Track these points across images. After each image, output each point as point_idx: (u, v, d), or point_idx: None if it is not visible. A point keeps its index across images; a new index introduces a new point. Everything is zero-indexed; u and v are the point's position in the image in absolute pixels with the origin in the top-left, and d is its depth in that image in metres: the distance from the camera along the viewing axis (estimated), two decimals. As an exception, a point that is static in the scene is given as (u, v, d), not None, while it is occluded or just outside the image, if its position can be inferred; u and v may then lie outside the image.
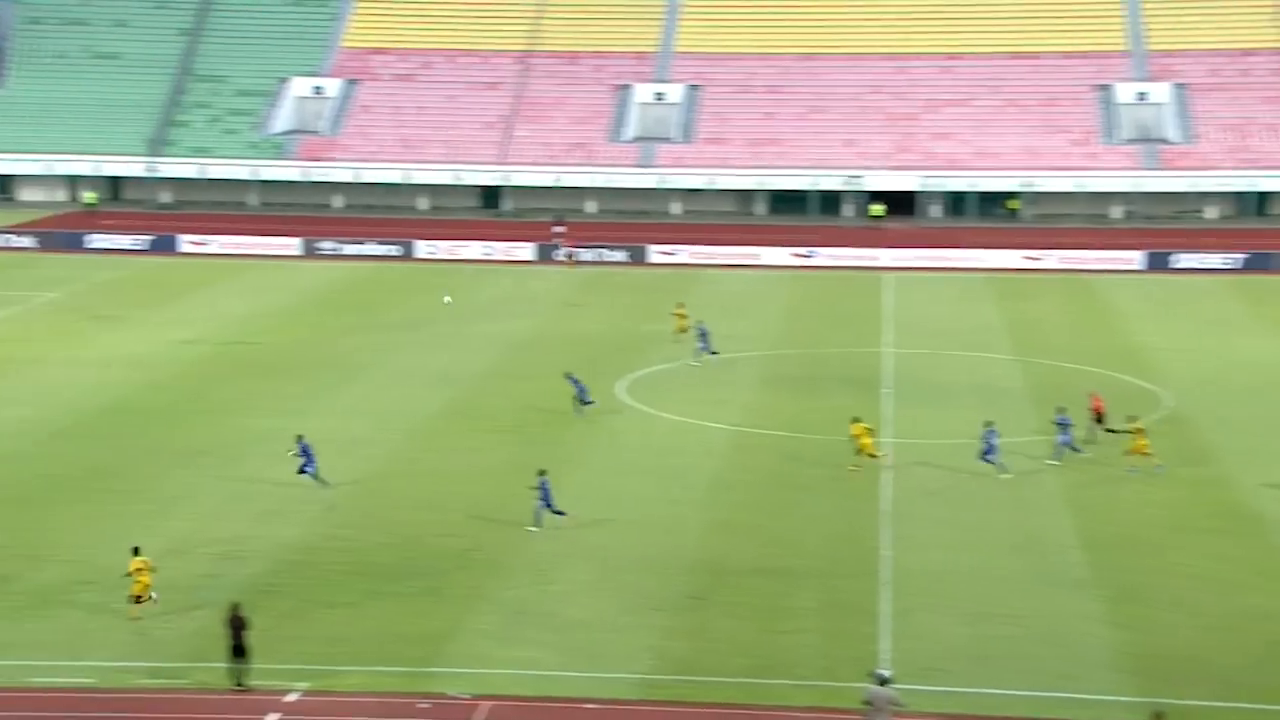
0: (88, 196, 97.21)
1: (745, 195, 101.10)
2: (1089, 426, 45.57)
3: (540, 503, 37.46)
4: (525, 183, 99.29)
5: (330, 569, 35.19)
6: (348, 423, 47.95)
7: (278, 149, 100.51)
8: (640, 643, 31.42)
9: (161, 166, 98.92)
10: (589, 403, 48.50)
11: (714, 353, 56.45)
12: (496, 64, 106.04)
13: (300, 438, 40.98)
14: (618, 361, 56.92)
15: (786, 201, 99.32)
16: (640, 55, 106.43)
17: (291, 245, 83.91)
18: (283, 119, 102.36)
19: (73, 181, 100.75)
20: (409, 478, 42.49)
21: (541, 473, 37.80)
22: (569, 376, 49.21)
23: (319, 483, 40.40)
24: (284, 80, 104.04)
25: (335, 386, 52.87)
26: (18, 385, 52.23)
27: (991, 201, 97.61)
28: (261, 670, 29.29)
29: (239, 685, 28.99)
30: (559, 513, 37.53)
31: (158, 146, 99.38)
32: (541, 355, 57.85)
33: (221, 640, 29.33)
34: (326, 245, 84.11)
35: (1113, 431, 44.87)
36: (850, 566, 35.76)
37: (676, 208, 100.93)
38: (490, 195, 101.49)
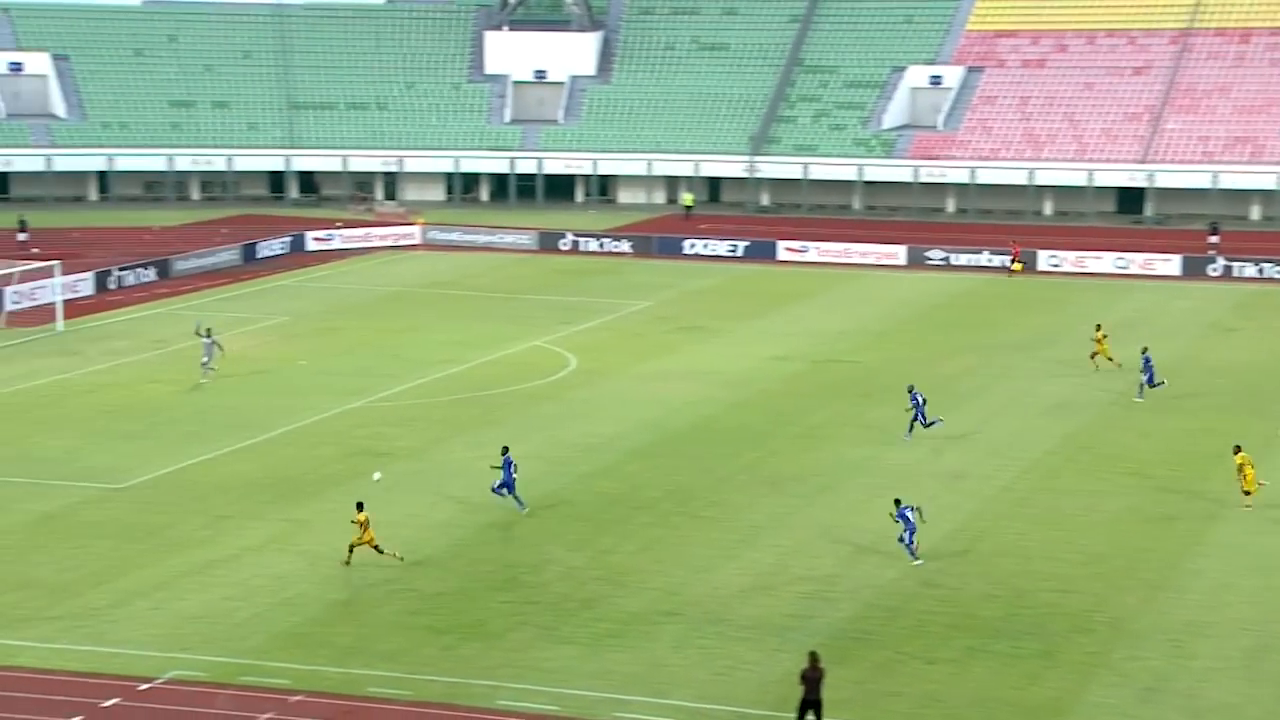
0: (685, 199, 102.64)
1: None
2: None
3: (906, 534, 38.55)
4: (1174, 184, 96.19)
5: (928, 619, 35.24)
6: (950, 455, 47.99)
7: (887, 146, 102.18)
8: (1301, 739, 29.61)
9: (762, 166, 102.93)
10: (931, 423, 48.72)
11: (1157, 384, 54.02)
12: (1146, 44, 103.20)
13: (505, 450, 42.32)
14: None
15: None
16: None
17: (896, 254, 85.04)
18: (894, 113, 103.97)
19: (671, 182, 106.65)
20: (1019, 521, 41.94)
21: (897, 502, 38.94)
22: (911, 391, 49.40)
23: (518, 501, 41.97)
24: (899, 70, 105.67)
25: (937, 413, 52.91)
26: (599, 400, 55.48)
27: None
28: (848, 728, 29.69)
29: (812, 743, 29.43)
30: (910, 550, 38.66)
31: (760, 144, 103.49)
32: (1181, 386, 55.52)
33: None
34: (935, 254, 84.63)
35: None
36: None
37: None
38: (1129, 198, 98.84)
